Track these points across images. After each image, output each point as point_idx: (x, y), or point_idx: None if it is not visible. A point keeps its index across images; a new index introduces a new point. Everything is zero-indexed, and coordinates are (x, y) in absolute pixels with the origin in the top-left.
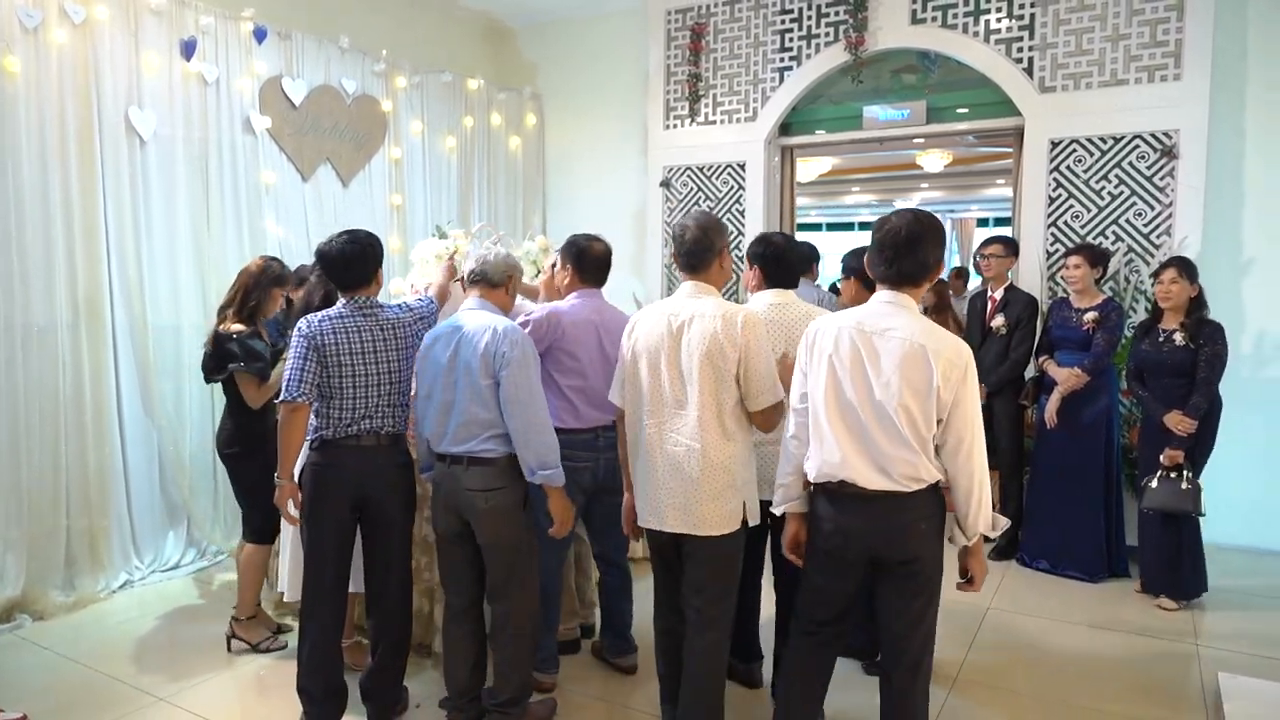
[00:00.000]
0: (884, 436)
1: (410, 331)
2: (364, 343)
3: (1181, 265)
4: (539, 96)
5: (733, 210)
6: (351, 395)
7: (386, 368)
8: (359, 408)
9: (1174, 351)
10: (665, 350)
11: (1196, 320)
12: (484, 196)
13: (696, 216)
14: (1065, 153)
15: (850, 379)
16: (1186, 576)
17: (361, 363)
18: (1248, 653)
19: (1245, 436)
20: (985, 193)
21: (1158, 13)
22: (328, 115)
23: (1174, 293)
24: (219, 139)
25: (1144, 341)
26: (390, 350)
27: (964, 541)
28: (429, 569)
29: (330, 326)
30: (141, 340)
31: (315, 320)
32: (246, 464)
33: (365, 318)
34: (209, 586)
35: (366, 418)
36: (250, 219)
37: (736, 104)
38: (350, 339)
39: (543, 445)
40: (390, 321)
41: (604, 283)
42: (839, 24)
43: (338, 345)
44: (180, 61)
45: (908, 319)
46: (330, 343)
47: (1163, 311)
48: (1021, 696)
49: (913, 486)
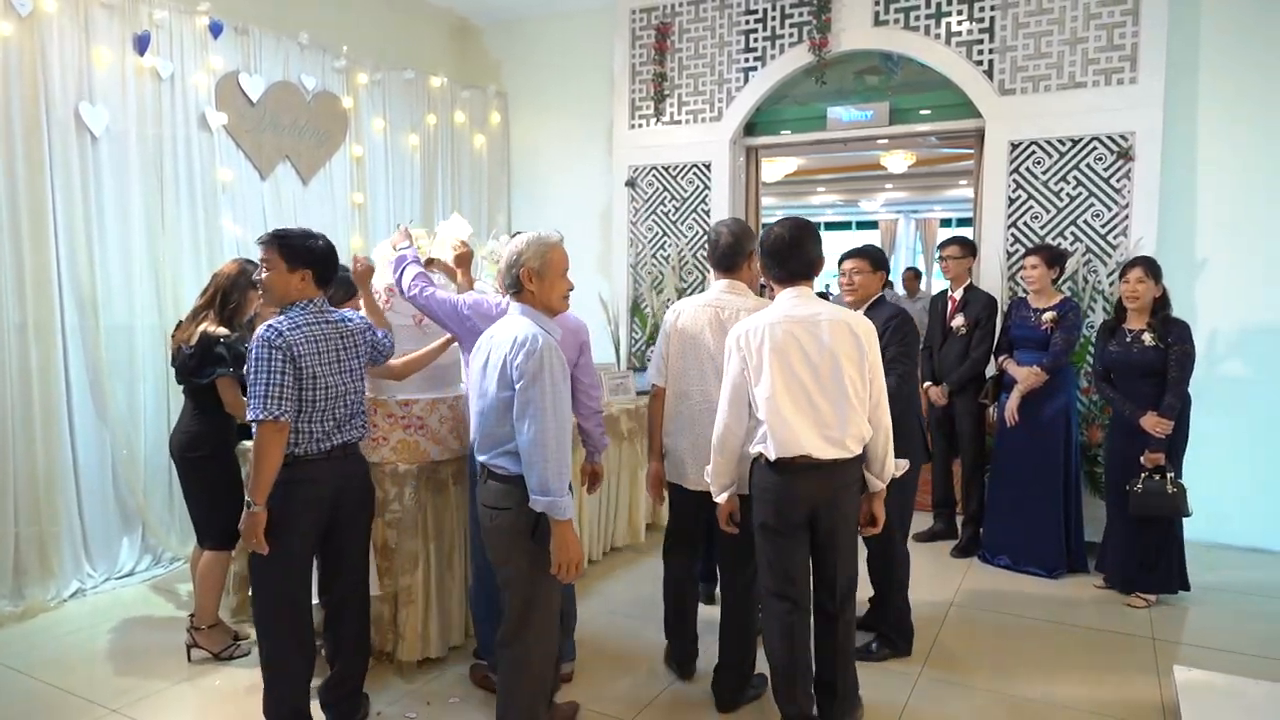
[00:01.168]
0: (833, 408)
1: (363, 339)
2: (333, 350)
3: (1147, 265)
4: (504, 95)
5: (698, 210)
6: (326, 408)
7: (351, 377)
8: (330, 420)
9: (1144, 352)
10: (710, 337)
11: (1164, 319)
12: (448, 195)
13: (730, 224)
14: (1024, 154)
15: (798, 364)
16: (1164, 574)
17: (335, 373)
18: (1204, 646)
19: (1199, 435)
20: (948, 193)
21: (1114, 17)
22: (287, 112)
23: (1140, 292)
24: (174, 135)
25: (1110, 343)
26: (352, 359)
27: (879, 486)
28: (389, 574)
29: (302, 336)
30: (93, 341)
31: (284, 329)
32: (213, 468)
33: (329, 324)
34: (166, 593)
35: (338, 430)
36: (206, 217)
37: (701, 104)
38: (320, 347)
39: (545, 467)
40: (347, 328)
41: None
42: (803, 25)
43: (313, 355)
44: (133, 56)
45: (820, 305)
46: (304, 353)
47: (1126, 311)
48: (979, 691)
49: (857, 450)
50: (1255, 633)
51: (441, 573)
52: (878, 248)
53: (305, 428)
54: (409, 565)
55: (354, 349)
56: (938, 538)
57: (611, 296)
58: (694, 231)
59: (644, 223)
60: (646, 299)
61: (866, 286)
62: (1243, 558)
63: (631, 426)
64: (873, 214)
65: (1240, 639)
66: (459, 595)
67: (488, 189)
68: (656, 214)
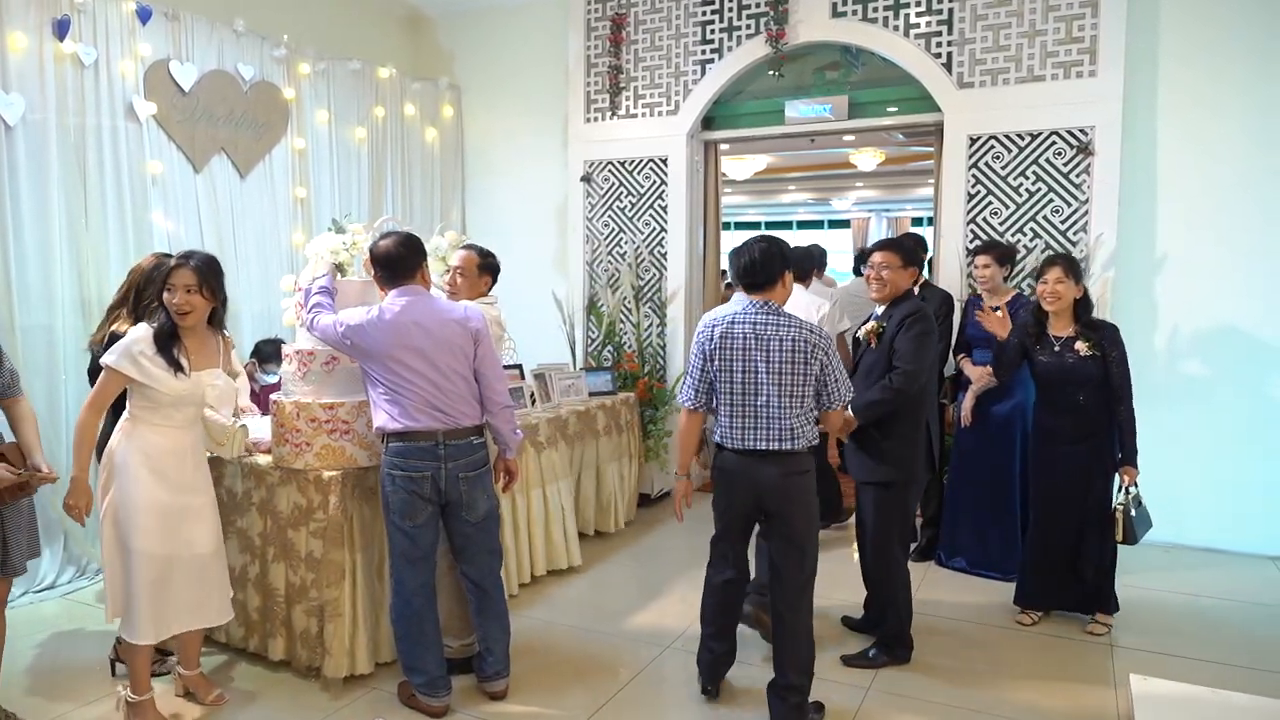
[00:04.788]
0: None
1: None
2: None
3: (1066, 264)
4: (457, 87)
5: (655, 206)
6: None
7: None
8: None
9: (1082, 363)
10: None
11: (1091, 324)
12: (398, 190)
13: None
14: (984, 149)
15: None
16: (1108, 592)
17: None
18: (1161, 652)
19: (1158, 433)
20: (919, 192)
21: (1073, 9)
22: (221, 102)
23: (1060, 293)
24: (98, 126)
25: (1039, 351)
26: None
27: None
28: (315, 587)
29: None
30: (10, 341)
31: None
32: None
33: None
34: (89, 608)
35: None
36: (135, 211)
37: (658, 96)
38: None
39: None
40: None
41: (409, 279)
42: (760, 16)
43: None
44: (52, 41)
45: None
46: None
47: (1048, 315)
48: (933, 703)
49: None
50: (1213, 638)
51: (370, 585)
52: (913, 238)
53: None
54: (335, 577)
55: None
56: None
57: (567, 294)
58: (650, 228)
59: (600, 219)
60: (602, 297)
61: (897, 283)
62: (1199, 558)
63: (581, 429)
64: (844, 213)
65: (1198, 644)
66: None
67: (440, 184)
68: (613, 210)
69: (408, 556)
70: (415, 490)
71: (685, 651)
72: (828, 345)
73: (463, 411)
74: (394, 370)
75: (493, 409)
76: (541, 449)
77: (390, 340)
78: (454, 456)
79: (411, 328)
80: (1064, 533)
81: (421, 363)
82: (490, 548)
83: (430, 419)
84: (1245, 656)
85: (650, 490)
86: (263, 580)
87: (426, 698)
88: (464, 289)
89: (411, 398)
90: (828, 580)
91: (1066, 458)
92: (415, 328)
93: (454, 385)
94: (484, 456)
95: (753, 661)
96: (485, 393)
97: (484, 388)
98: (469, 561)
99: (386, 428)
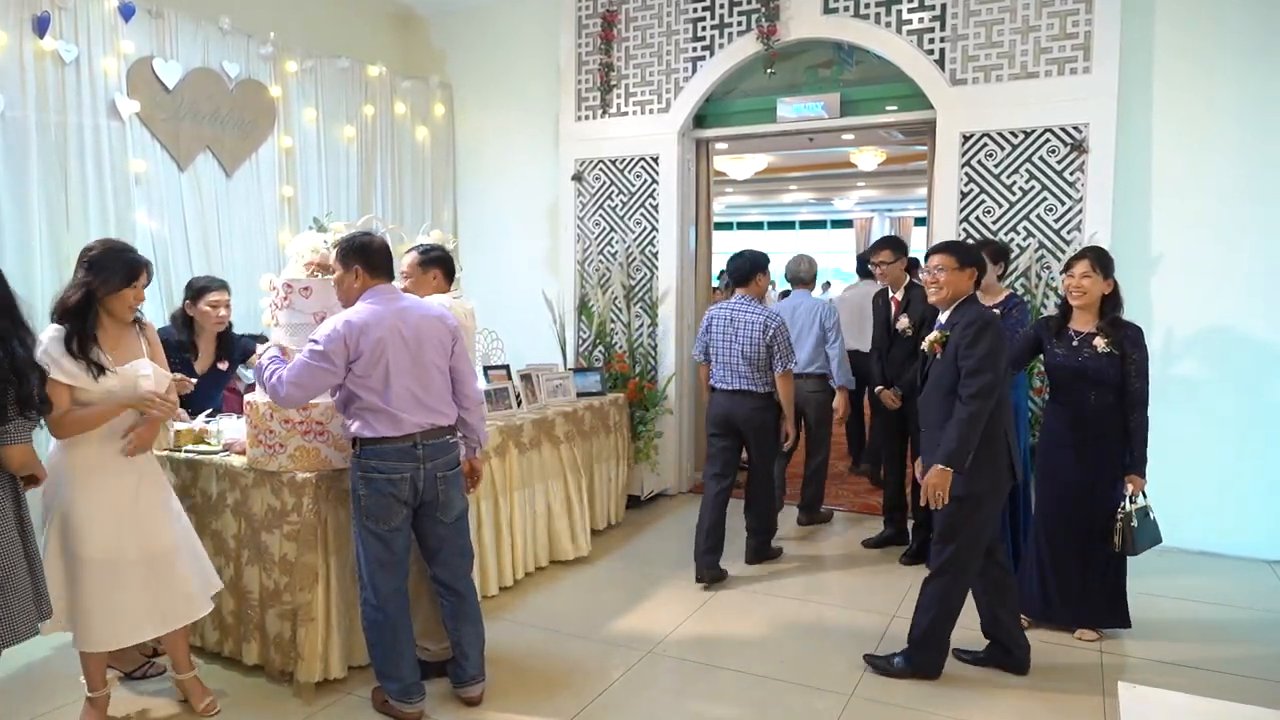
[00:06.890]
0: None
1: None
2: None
3: (1096, 257)
4: (449, 86)
5: (645, 205)
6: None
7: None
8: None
9: (1095, 359)
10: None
11: (1115, 322)
12: (388, 189)
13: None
14: (976, 147)
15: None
16: (1117, 607)
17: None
18: (1153, 659)
19: (1154, 435)
20: (920, 191)
21: (1066, 4)
22: (207, 100)
23: (1087, 287)
24: (80, 124)
25: (1054, 344)
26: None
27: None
28: (288, 591)
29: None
30: None
31: None
32: None
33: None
34: None
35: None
36: (118, 211)
37: (649, 94)
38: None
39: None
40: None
41: (390, 278)
42: (751, 13)
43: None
44: (32, 38)
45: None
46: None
47: (1071, 309)
48: (918, 711)
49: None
50: (1208, 645)
51: (344, 589)
52: (980, 243)
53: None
54: (308, 580)
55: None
56: (889, 543)
57: (558, 294)
58: (642, 227)
59: (591, 218)
60: (593, 297)
61: (955, 285)
62: (1195, 562)
63: (569, 430)
64: (847, 212)
65: (1192, 651)
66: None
67: (431, 183)
68: (604, 209)
69: (382, 561)
70: (393, 493)
71: (670, 656)
72: (777, 326)
73: (442, 411)
74: (384, 369)
75: (468, 404)
76: (525, 450)
77: (383, 337)
78: (432, 456)
79: (398, 325)
80: (1067, 540)
81: (408, 360)
82: (462, 549)
83: (416, 417)
84: (1240, 664)
85: (640, 492)
86: (237, 584)
87: (401, 704)
88: (415, 289)
89: (399, 397)
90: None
91: (1069, 462)
92: (402, 325)
93: (434, 382)
94: (458, 456)
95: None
96: (460, 388)
97: (459, 383)
98: (441, 564)
99: (363, 434)
